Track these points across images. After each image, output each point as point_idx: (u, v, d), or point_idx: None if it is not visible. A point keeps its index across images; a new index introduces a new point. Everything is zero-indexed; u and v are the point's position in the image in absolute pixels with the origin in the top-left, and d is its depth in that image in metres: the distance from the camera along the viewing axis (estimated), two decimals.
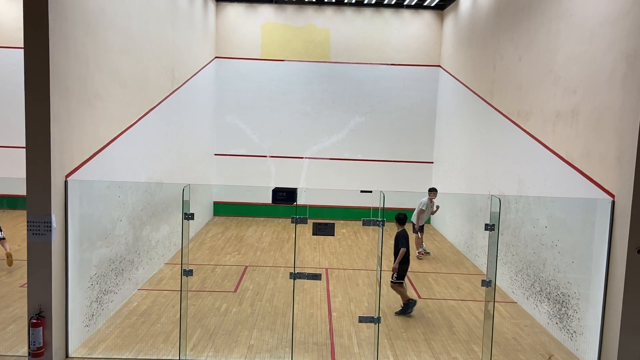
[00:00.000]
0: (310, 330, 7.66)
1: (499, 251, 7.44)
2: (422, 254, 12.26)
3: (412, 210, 16.62)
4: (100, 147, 7.48)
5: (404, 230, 8.40)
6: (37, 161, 5.99)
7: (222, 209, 16.50)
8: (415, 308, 8.44)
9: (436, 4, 15.74)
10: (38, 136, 5.97)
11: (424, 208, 12.15)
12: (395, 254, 8.30)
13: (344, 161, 16.58)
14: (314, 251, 12.39)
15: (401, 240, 8.24)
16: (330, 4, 16.09)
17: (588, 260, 6.98)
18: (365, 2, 15.79)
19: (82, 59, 6.84)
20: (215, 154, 16.42)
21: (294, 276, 6.57)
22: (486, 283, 6.48)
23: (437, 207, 12.45)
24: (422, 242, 12.43)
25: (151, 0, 9.73)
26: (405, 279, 8.16)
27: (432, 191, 12.24)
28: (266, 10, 16.15)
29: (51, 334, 6.17)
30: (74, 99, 6.62)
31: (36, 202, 6.02)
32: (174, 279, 9.76)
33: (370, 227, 7.76)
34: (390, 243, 13.35)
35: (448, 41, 15.42)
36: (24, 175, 6.04)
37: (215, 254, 11.82)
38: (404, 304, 8.38)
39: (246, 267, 10.89)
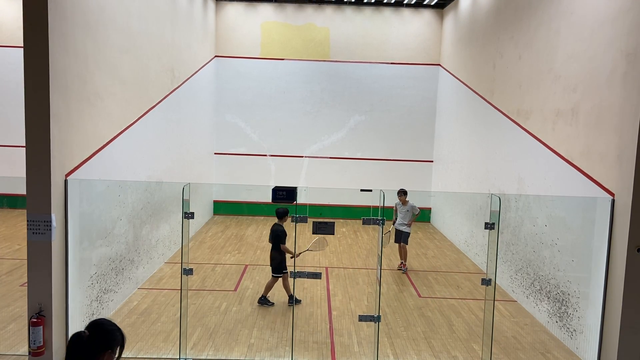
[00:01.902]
0: (310, 329, 7.66)
1: (498, 250, 7.44)
2: (403, 266, 10.91)
3: None
4: (100, 146, 7.48)
5: (281, 225, 8.59)
6: (37, 160, 5.99)
7: (222, 208, 16.50)
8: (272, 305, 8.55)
9: (436, 3, 15.72)
10: (38, 135, 5.97)
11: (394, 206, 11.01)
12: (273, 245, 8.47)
13: (343, 160, 16.58)
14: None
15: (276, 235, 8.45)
16: (330, 2, 16.08)
17: (588, 258, 6.99)
18: (365, 0, 15.77)
19: (81, 57, 6.84)
20: (215, 153, 16.41)
21: (294, 275, 6.58)
22: (486, 282, 6.49)
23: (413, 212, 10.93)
24: (403, 254, 10.95)
25: None
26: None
27: (399, 194, 10.96)
28: (266, 9, 16.14)
29: (51, 333, 6.17)
30: (74, 97, 6.62)
31: (36, 201, 6.02)
32: (174, 278, 9.76)
33: (370, 225, 7.78)
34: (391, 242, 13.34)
35: (448, 40, 15.42)
36: (24, 175, 6.03)
37: (215, 253, 11.82)
38: (264, 295, 8.57)
39: (246, 266, 10.89)
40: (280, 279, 8.59)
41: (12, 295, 8.43)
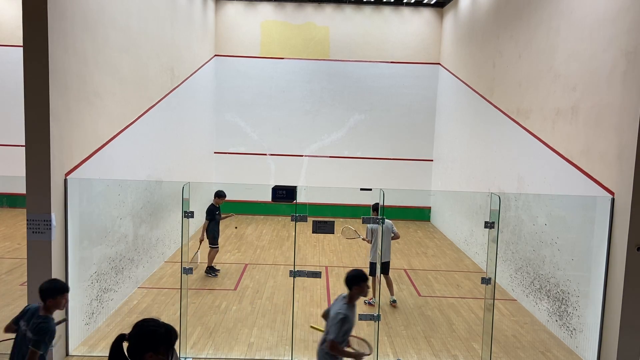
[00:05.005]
0: (310, 328, 7.66)
1: (498, 249, 7.44)
2: (369, 302, 8.74)
3: (411, 208, 16.64)
4: (99, 145, 7.48)
5: (213, 205, 10.16)
6: (37, 159, 5.99)
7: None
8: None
9: (436, 2, 15.72)
10: (37, 134, 5.97)
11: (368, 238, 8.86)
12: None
13: (343, 159, 16.57)
14: (314, 249, 12.39)
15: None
16: (329, 1, 16.06)
17: (588, 257, 6.99)
18: (365, 0, 15.78)
19: (81, 57, 6.83)
20: (215, 152, 16.41)
21: (294, 274, 6.58)
22: (486, 281, 6.49)
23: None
24: (378, 288, 7.58)
25: None
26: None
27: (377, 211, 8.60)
28: (265, 8, 16.12)
29: None
30: (73, 97, 6.61)
31: (36, 200, 6.02)
32: (174, 277, 9.76)
33: (370, 225, 7.79)
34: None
35: (448, 39, 15.41)
36: (24, 174, 6.03)
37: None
38: (210, 266, 10.05)
39: (246, 265, 10.89)
40: (214, 250, 10.02)
41: (11, 295, 8.43)
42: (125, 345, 2.78)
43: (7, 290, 8.62)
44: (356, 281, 4.79)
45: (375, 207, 8.74)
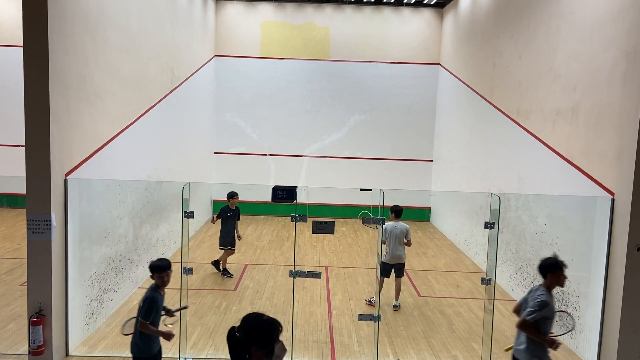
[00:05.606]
0: (310, 328, 7.66)
1: (498, 249, 7.44)
2: (370, 301, 8.80)
3: (411, 208, 16.65)
4: (99, 146, 7.48)
5: (227, 206, 10.17)
6: (37, 160, 5.99)
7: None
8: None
9: (436, 2, 15.72)
10: (37, 134, 5.97)
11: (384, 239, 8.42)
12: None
13: (343, 159, 16.57)
14: (314, 249, 12.39)
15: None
16: (329, 2, 16.07)
17: (588, 258, 6.99)
18: (365, 0, 15.79)
19: (81, 57, 6.83)
20: (214, 152, 16.41)
21: (294, 274, 6.58)
22: (486, 281, 6.49)
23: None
24: (381, 290, 8.28)
25: None
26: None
27: (397, 213, 8.68)
28: (266, 8, 16.13)
29: (51, 332, 6.17)
30: (74, 97, 6.61)
31: (36, 200, 6.02)
32: (174, 277, 9.72)
33: (370, 225, 7.83)
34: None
35: (448, 39, 15.41)
36: (24, 174, 6.03)
37: (215, 253, 11.80)
38: (223, 267, 10.11)
39: (246, 265, 10.89)
40: (226, 252, 10.05)
41: (12, 295, 8.43)
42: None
43: (7, 290, 8.62)
44: (551, 269, 4.72)
45: (394, 209, 8.65)
